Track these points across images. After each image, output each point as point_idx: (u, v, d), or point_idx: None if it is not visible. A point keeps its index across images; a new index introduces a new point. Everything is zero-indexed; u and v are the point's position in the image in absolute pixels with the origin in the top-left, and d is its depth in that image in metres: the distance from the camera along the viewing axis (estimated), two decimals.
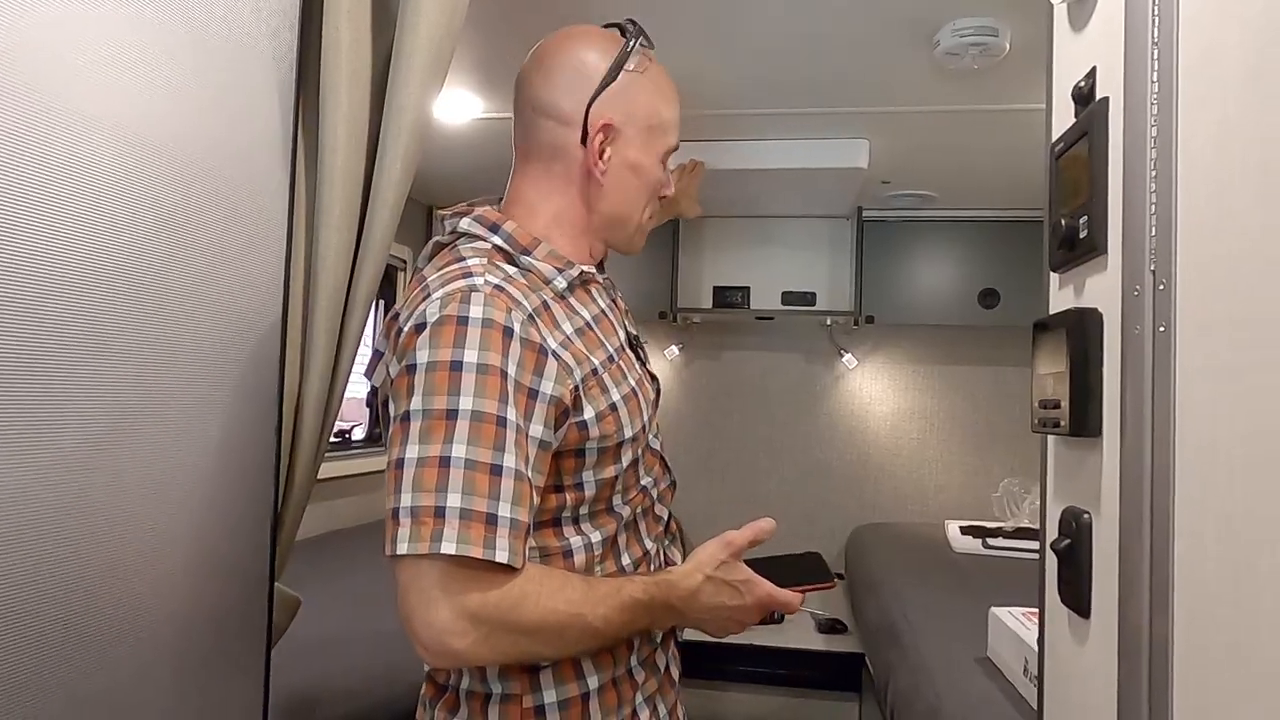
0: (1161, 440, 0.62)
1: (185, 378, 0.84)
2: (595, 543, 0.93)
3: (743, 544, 0.93)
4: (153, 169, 0.79)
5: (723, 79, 1.95)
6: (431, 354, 0.81)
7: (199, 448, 0.87)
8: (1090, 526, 0.75)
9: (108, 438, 0.74)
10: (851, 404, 3.45)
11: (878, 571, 2.38)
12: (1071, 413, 0.74)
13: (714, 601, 0.91)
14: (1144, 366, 0.65)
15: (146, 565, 0.80)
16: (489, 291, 0.84)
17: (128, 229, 0.76)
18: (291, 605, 1.12)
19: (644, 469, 1.00)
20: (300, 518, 1.12)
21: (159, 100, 0.80)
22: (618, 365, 0.96)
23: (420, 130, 1.09)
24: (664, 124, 1.00)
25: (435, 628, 0.78)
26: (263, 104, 0.96)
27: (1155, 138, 0.65)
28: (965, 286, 3.07)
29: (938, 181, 2.76)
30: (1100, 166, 0.73)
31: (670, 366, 3.55)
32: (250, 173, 0.94)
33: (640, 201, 1.01)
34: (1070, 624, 0.78)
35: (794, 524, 3.42)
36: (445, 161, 2.54)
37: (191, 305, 0.85)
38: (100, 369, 0.73)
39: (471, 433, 0.79)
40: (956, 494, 3.34)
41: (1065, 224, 0.79)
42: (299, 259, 1.04)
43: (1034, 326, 0.85)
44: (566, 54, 0.98)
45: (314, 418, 1.07)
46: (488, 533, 0.77)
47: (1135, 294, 0.66)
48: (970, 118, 2.07)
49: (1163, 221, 0.63)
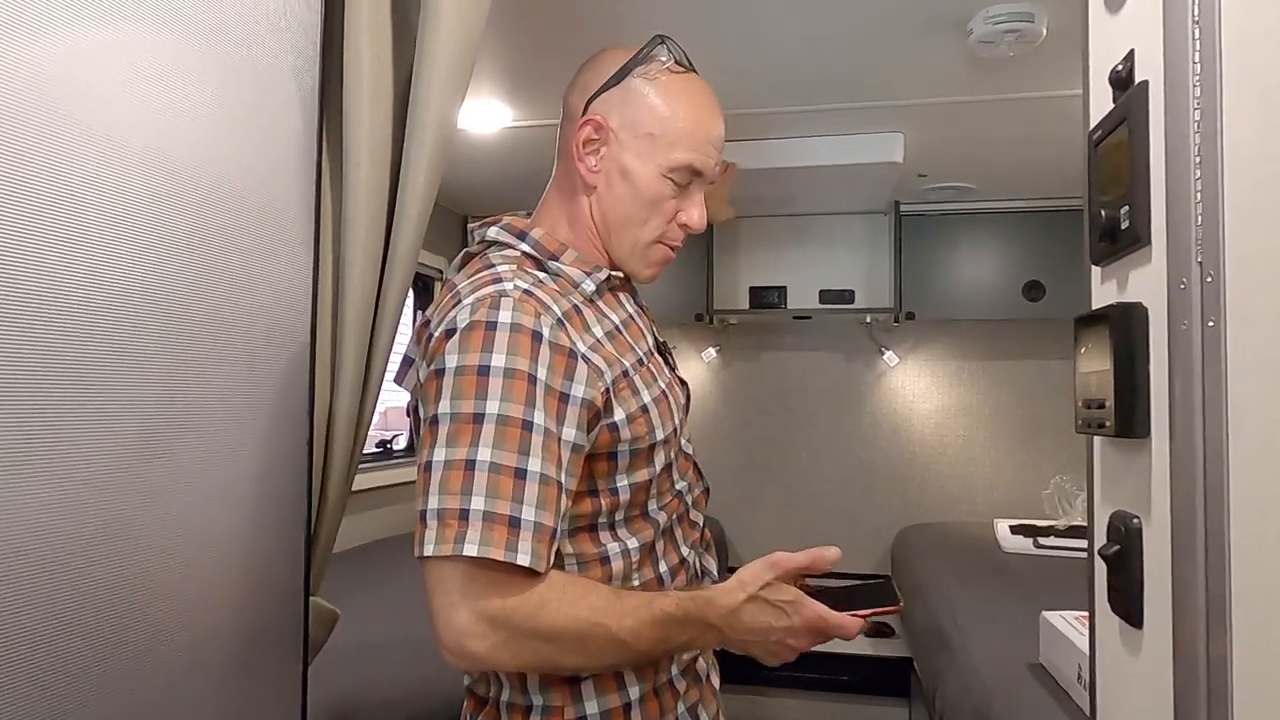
0: (1214, 441, 0.59)
1: (215, 396, 0.85)
2: (632, 549, 0.92)
3: (794, 566, 0.87)
4: (178, 190, 0.80)
5: (752, 77, 1.93)
6: (460, 359, 0.82)
7: (230, 465, 0.87)
8: (1140, 532, 0.71)
9: (138, 458, 0.74)
10: (894, 402, 3.39)
11: (924, 573, 2.33)
12: (1117, 413, 0.71)
13: (758, 622, 0.85)
14: (1193, 363, 0.61)
15: (180, 582, 0.80)
16: (518, 296, 0.85)
17: (155, 250, 0.77)
18: (329, 619, 1.12)
19: (678, 473, 0.99)
20: (336, 531, 1.13)
21: (183, 122, 0.81)
22: (647, 368, 0.95)
23: (443, 143, 1.09)
24: (670, 136, 0.94)
25: (455, 629, 0.78)
26: (286, 122, 0.97)
27: (1199, 122, 0.61)
28: (1009, 279, 2.99)
29: (977, 173, 2.70)
30: (1141, 154, 0.70)
31: (708, 369, 3.53)
32: (275, 191, 0.95)
33: (636, 214, 0.96)
34: (1122, 634, 0.75)
35: (838, 526, 3.37)
36: (476, 171, 2.56)
37: (220, 324, 0.86)
38: (130, 388, 0.74)
39: (497, 436, 0.79)
40: (1006, 492, 3.26)
41: (1105, 215, 0.75)
42: (326, 275, 1.05)
43: (1075, 322, 0.81)
44: (597, 61, 0.99)
45: (346, 432, 1.08)
46: (510, 535, 0.77)
47: (1181, 287, 0.63)
48: (1008, 106, 2.02)
49: (1208, 210, 0.60)
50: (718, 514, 3.40)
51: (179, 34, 0.80)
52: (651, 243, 0.98)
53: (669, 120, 0.94)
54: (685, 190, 0.97)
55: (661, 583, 0.95)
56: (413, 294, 3.02)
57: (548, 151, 1.05)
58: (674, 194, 0.96)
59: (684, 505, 1.00)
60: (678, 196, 0.97)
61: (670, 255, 1.01)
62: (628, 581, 0.92)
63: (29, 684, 0.64)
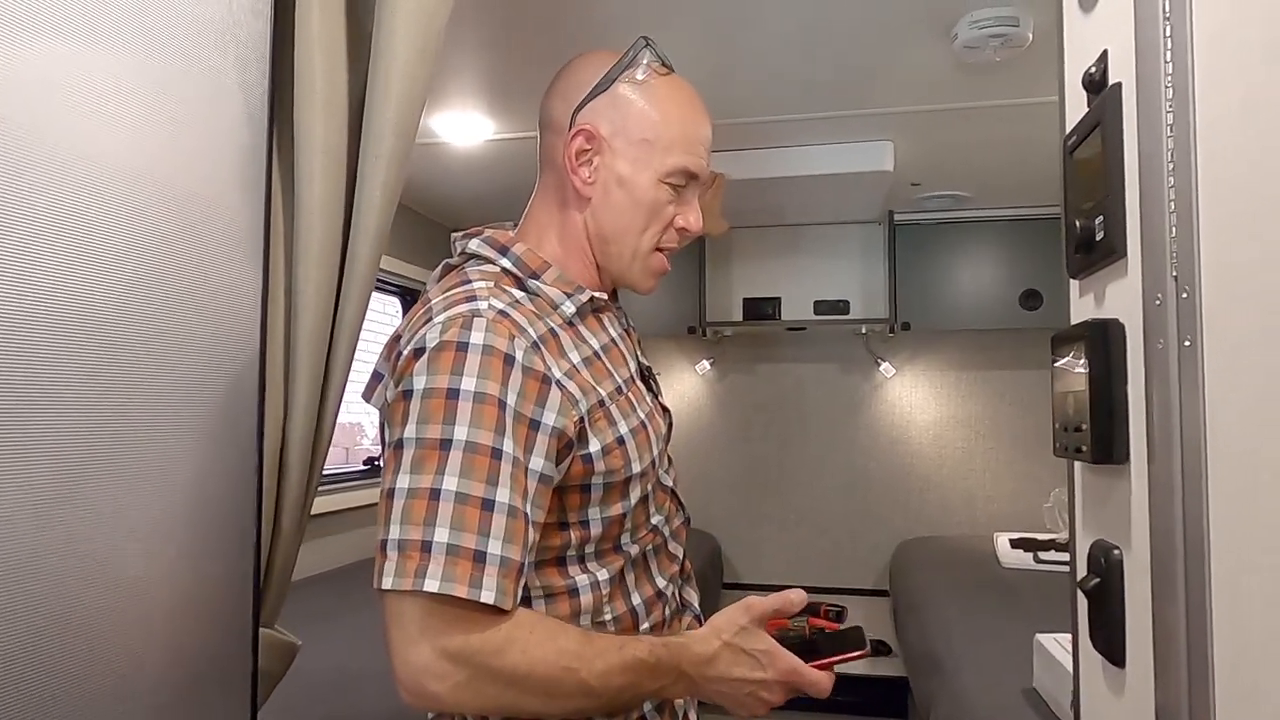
0: (1192, 470, 0.54)
1: (148, 421, 0.81)
2: (602, 581, 0.87)
3: (765, 610, 0.84)
4: (108, 207, 0.76)
5: (737, 86, 1.89)
6: (429, 380, 0.78)
7: (166, 493, 0.83)
8: (1121, 564, 0.66)
9: (55, 490, 0.70)
10: (891, 414, 3.34)
11: (920, 591, 2.28)
12: (1093, 437, 0.66)
13: (731, 672, 0.82)
14: (1170, 385, 0.57)
15: (109, 618, 0.76)
16: (492, 317, 0.81)
17: (82, 267, 0.73)
18: (287, 651, 1.08)
19: (654, 506, 0.94)
20: (293, 559, 1.08)
21: (121, 136, 0.77)
22: (626, 397, 0.91)
23: (401, 155, 1.05)
24: (664, 141, 0.92)
25: (414, 667, 0.74)
26: (232, 137, 0.93)
27: (1172, 125, 0.57)
28: (1006, 288, 2.95)
29: (970, 181, 2.65)
30: (1115, 160, 0.66)
31: (702, 381, 3.48)
32: (219, 207, 0.91)
33: (634, 223, 0.93)
34: (1105, 672, 0.70)
35: (836, 540, 3.32)
36: (460, 183, 2.53)
37: (156, 347, 0.82)
38: (48, 419, 0.70)
39: (464, 464, 0.75)
40: (1007, 504, 3.20)
41: (1080, 226, 0.71)
42: (278, 295, 1.01)
43: (1052, 340, 0.77)
44: (574, 68, 0.96)
45: (301, 456, 1.04)
46: (474, 571, 0.73)
47: (1157, 303, 0.58)
48: (998, 113, 1.97)
49: (1183, 221, 0.55)
50: (713, 529, 3.35)
51: (111, 46, 0.77)
52: (650, 251, 0.95)
53: (661, 125, 0.92)
54: (680, 194, 0.94)
55: (635, 616, 0.90)
56: (401, 307, 2.99)
57: (531, 163, 1.01)
58: (671, 199, 0.93)
59: (660, 538, 0.96)
60: (674, 202, 0.94)
61: (667, 264, 0.98)
62: (598, 615, 0.87)
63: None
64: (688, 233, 0.96)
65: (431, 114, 2.04)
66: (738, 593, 3.29)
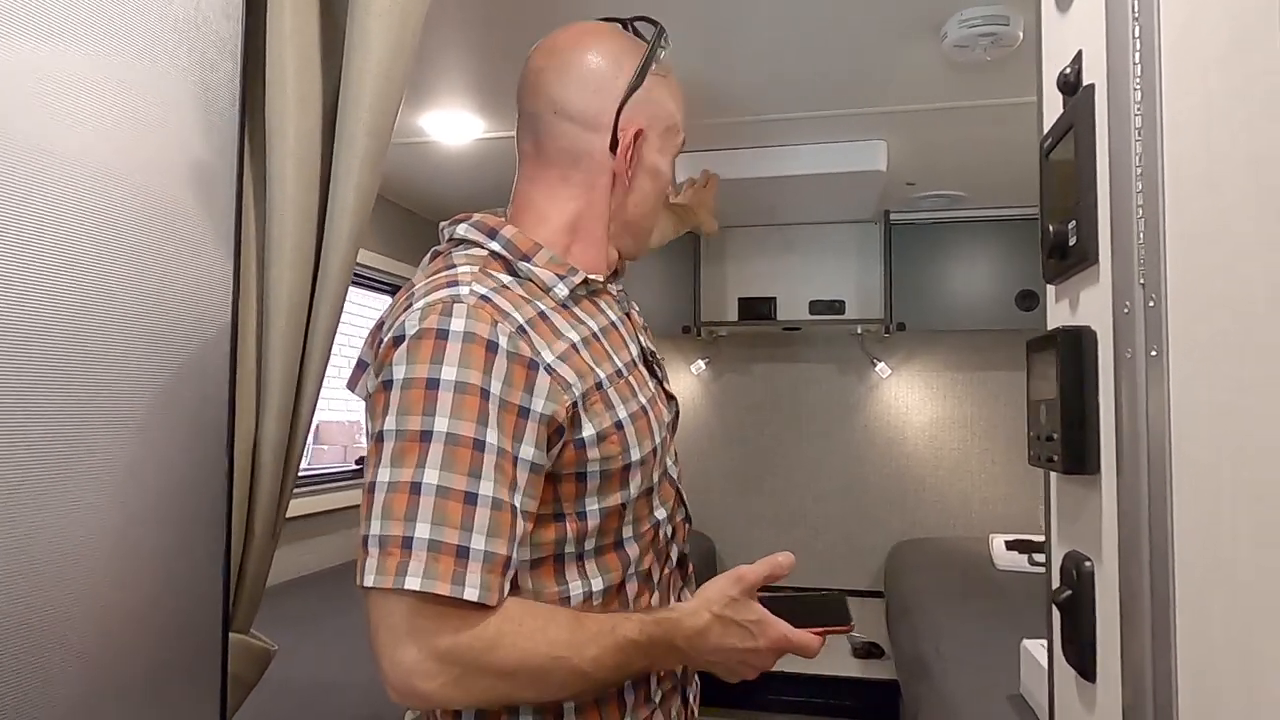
0: (1158, 481, 0.53)
1: (113, 422, 0.80)
2: (597, 591, 0.85)
3: (756, 579, 0.83)
4: (73, 206, 0.75)
5: (728, 85, 1.88)
6: (408, 370, 0.76)
7: (130, 495, 0.82)
8: (1092, 577, 0.65)
9: (14, 491, 0.69)
10: (887, 415, 3.32)
11: (912, 594, 2.26)
12: (1064, 446, 0.65)
13: (723, 643, 0.82)
14: (1137, 395, 0.55)
15: (69, 619, 0.75)
16: (473, 303, 0.78)
17: (45, 266, 0.72)
18: (260, 657, 1.07)
19: (659, 499, 0.91)
20: (268, 563, 1.07)
21: (86, 136, 0.76)
22: (626, 381, 0.88)
23: (375, 156, 1.04)
24: (678, 126, 0.98)
25: (402, 668, 0.73)
26: (201, 137, 0.92)
27: (1140, 128, 0.55)
28: (1002, 288, 2.93)
29: (965, 180, 2.64)
30: (1087, 163, 0.64)
31: (697, 382, 3.47)
32: (188, 208, 0.90)
33: (657, 205, 0.99)
34: (1077, 687, 0.69)
35: (831, 541, 3.31)
36: (449, 182, 2.52)
37: (121, 347, 0.81)
38: (6, 417, 0.69)
39: (446, 457, 0.73)
40: (1003, 506, 3.19)
41: (1054, 230, 0.70)
42: (249, 298, 1.00)
43: (1027, 346, 0.75)
44: (590, 54, 0.92)
45: (274, 461, 1.03)
46: (457, 567, 0.71)
47: (1125, 311, 0.57)
48: (990, 112, 1.96)
49: (1150, 226, 0.54)
50: (708, 529, 3.34)
51: (76, 44, 0.75)
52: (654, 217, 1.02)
53: (675, 112, 0.97)
54: None
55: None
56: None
57: None
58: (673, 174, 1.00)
59: (663, 537, 0.93)
60: None
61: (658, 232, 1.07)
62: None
63: None
64: (680, 207, 1.06)
65: (421, 113, 2.03)
66: None
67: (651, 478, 0.89)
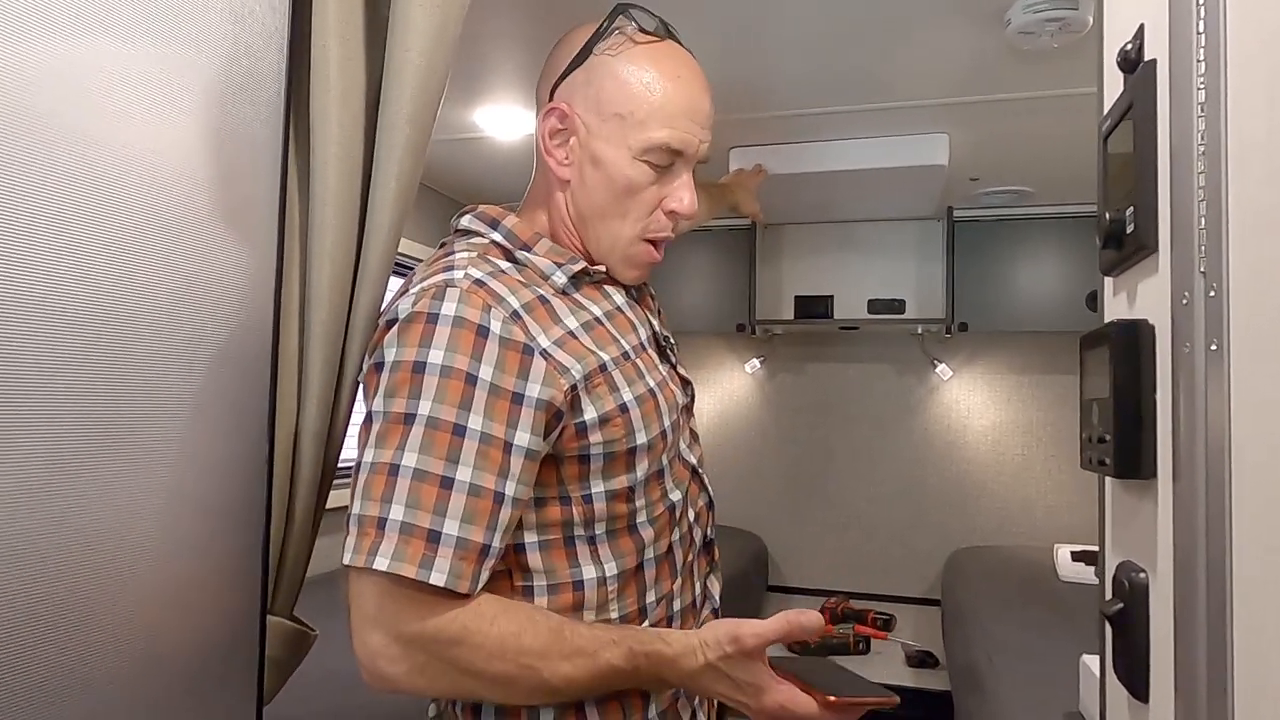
0: (1216, 486, 0.49)
1: (154, 408, 0.82)
2: (609, 577, 0.83)
3: (756, 645, 0.76)
4: (118, 197, 0.77)
5: (780, 78, 1.84)
6: (397, 353, 0.77)
7: (170, 478, 0.84)
8: (1146, 589, 0.60)
9: (54, 473, 0.71)
10: (948, 418, 3.22)
11: (970, 602, 2.19)
12: (1116, 449, 0.60)
13: (715, 690, 0.79)
14: (1196, 394, 0.51)
15: (108, 598, 0.77)
16: (466, 287, 0.79)
17: (91, 256, 0.74)
18: (300, 640, 1.08)
19: (672, 481, 0.89)
20: (309, 549, 1.08)
21: (133, 127, 0.78)
22: (633, 363, 0.86)
23: (417, 146, 1.04)
24: (640, 114, 0.85)
25: (369, 648, 0.74)
26: (248, 127, 0.93)
27: (1203, 103, 0.51)
28: (1069, 289, 2.80)
29: (1033, 176, 2.53)
30: (1147, 145, 0.60)
31: (751, 380, 3.42)
32: (236, 197, 0.92)
33: (612, 205, 0.88)
34: (1130, 708, 0.64)
35: (886, 546, 3.22)
36: (501, 177, 2.53)
37: (165, 335, 0.83)
38: (46, 404, 0.71)
39: (425, 440, 0.74)
40: (1068, 514, 3.06)
41: (1110, 219, 0.65)
42: (292, 286, 1.01)
43: (1080, 343, 0.71)
44: (559, 43, 0.92)
45: (314, 448, 1.03)
46: (427, 551, 0.71)
47: (1184, 302, 0.52)
48: (1057, 103, 1.87)
49: (1212, 210, 0.50)
50: (759, 529, 3.29)
51: (121, 36, 0.77)
52: (634, 238, 0.89)
53: (637, 97, 0.85)
54: (667, 173, 0.88)
55: (644, 615, 0.87)
56: None
57: None
58: (652, 179, 0.87)
59: (684, 522, 0.91)
60: (658, 182, 0.87)
61: (655, 255, 0.92)
62: (603, 612, 0.84)
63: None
64: (679, 216, 0.89)
65: (473, 108, 2.05)
66: (782, 595, 3.23)
67: (661, 461, 0.87)
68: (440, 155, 2.38)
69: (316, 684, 1.29)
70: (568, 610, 0.82)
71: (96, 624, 0.76)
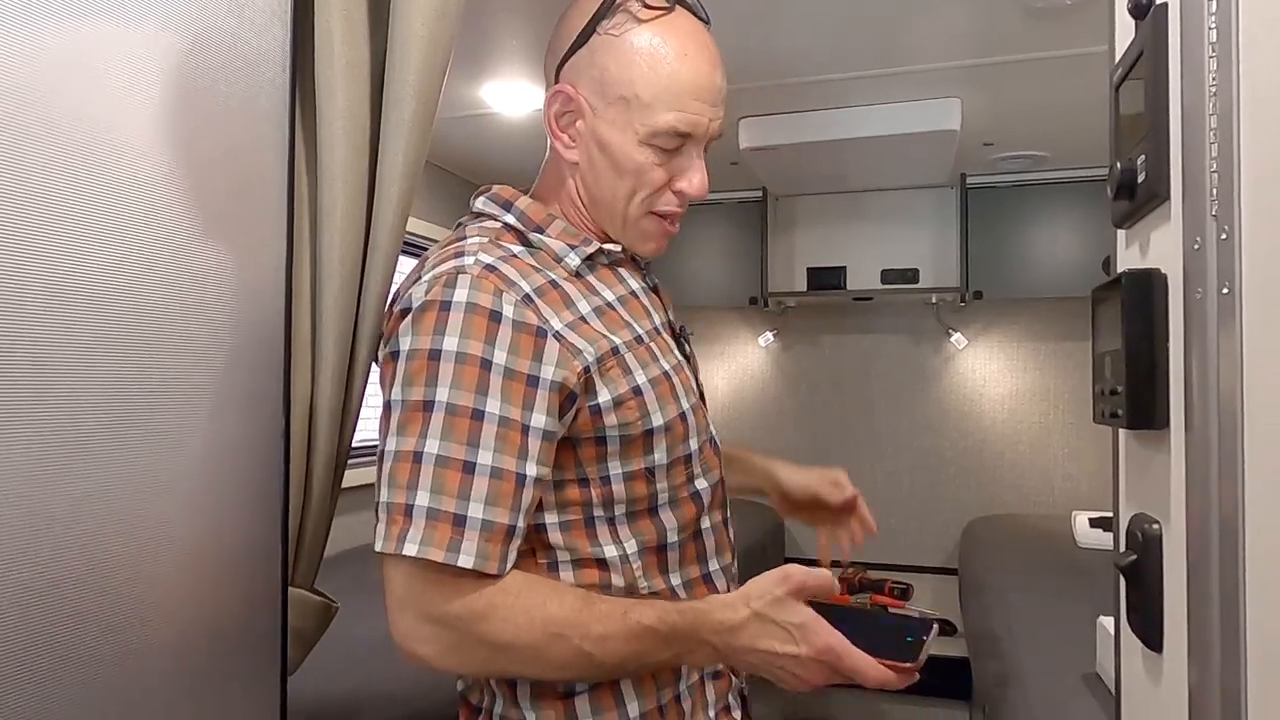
0: (1228, 434, 0.48)
1: (169, 385, 0.83)
2: (632, 554, 0.83)
3: (805, 584, 0.76)
4: (127, 176, 0.77)
5: (789, 45, 1.81)
6: (413, 341, 0.78)
7: (188, 454, 0.85)
8: (1160, 540, 0.60)
9: (73, 452, 0.72)
10: (964, 387, 3.20)
11: (984, 570, 2.19)
12: (1129, 399, 0.60)
13: (759, 644, 0.76)
14: (1208, 340, 0.51)
15: (130, 570, 0.78)
16: (477, 273, 0.79)
17: (110, 237, 0.75)
18: (322, 612, 1.10)
19: (701, 466, 0.89)
20: (328, 522, 1.10)
21: (138, 106, 0.78)
22: (647, 347, 0.87)
23: (423, 122, 1.04)
24: (645, 97, 0.83)
25: (401, 631, 0.76)
26: (254, 103, 0.94)
27: (1214, 44, 0.50)
28: (1087, 254, 2.77)
29: (1048, 140, 2.49)
30: (1159, 92, 0.59)
31: (765, 354, 3.42)
32: (244, 174, 0.92)
33: (620, 187, 0.87)
34: (1144, 659, 0.64)
35: (904, 517, 3.22)
36: (509, 154, 2.53)
37: (177, 313, 0.84)
38: (69, 387, 0.72)
39: (445, 427, 0.75)
40: (1087, 482, 3.04)
41: (1122, 168, 0.64)
42: (303, 263, 1.01)
43: (1092, 295, 0.70)
44: (564, 17, 0.91)
45: (329, 424, 1.05)
46: (454, 535, 0.73)
47: (1196, 247, 0.52)
48: (1072, 63, 1.84)
49: (1224, 153, 0.49)
50: None
51: (125, 16, 0.77)
52: (644, 216, 0.89)
53: (642, 79, 0.83)
54: (675, 154, 0.86)
55: (675, 596, 0.87)
56: None
57: None
58: (661, 161, 0.86)
59: (721, 509, 0.91)
60: (666, 164, 0.86)
61: (668, 227, 0.91)
62: (631, 592, 0.84)
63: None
64: (688, 196, 0.88)
65: (480, 84, 2.04)
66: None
67: (688, 445, 0.86)
68: (448, 133, 2.38)
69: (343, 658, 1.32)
70: (594, 587, 0.82)
71: (123, 597, 0.78)
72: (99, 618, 0.75)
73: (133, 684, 0.79)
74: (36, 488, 0.69)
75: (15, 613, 0.67)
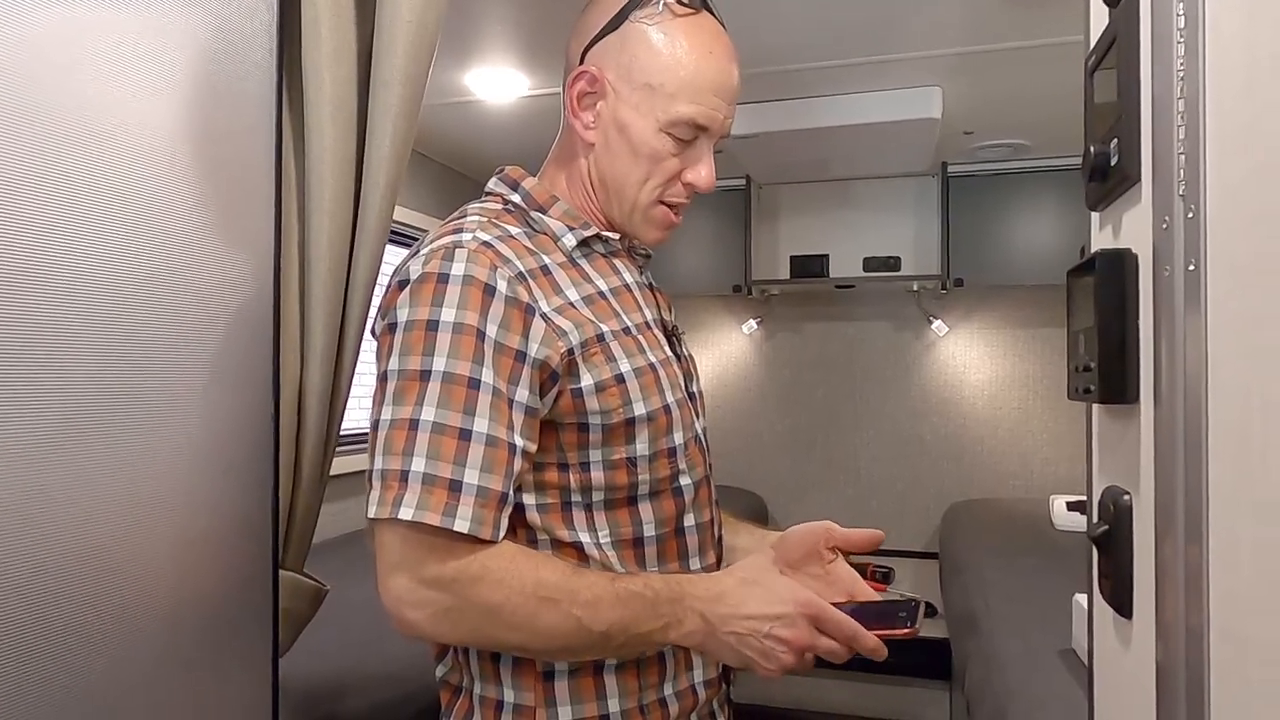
0: (1193, 406, 0.50)
1: (158, 367, 0.83)
2: (605, 543, 0.85)
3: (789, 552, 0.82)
4: (121, 158, 0.78)
5: (771, 32, 1.83)
6: (410, 312, 0.79)
7: (177, 435, 0.86)
8: (1130, 510, 0.63)
9: (63, 433, 0.73)
10: (944, 373, 3.24)
11: (964, 552, 2.22)
12: (1101, 375, 0.62)
13: (744, 608, 0.78)
14: (1175, 315, 0.53)
15: (123, 562, 0.79)
16: (474, 248, 0.81)
17: (98, 219, 0.75)
18: (313, 594, 1.11)
19: (685, 463, 0.90)
20: (317, 505, 1.11)
21: (125, 88, 0.78)
22: (634, 338, 0.88)
23: (410, 106, 1.05)
24: (670, 87, 0.86)
25: (393, 595, 0.76)
26: (241, 87, 0.94)
27: (1182, 29, 0.52)
28: (1066, 241, 2.81)
29: (1028, 128, 2.53)
30: (1130, 74, 0.61)
31: (749, 341, 3.44)
32: (231, 158, 0.92)
33: (633, 172, 0.89)
34: (1115, 626, 0.67)
35: (885, 502, 3.27)
36: (494, 141, 2.53)
37: (165, 296, 0.84)
38: (60, 368, 0.72)
39: (442, 394, 0.76)
40: (1066, 466, 3.09)
41: (1095, 152, 0.66)
42: (290, 247, 1.02)
43: (1067, 276, 0.72)
44: (592, 5, 0.93)
45: (318, 407, 1.06)
46: (450, 499, 0.74)
47: (1164, 227, 0.54)
48: (1052, 52, 1.86)
49: (1191, 133, 0.51)
50: (760, 489, 3.33)
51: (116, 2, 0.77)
52: (653, 203, 0.91)
53: (668, 70, 0.86)
54: (690, 146, 0.90)
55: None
56: None
57: None
58: (676, 151, 0.89)
59: (703, 510, 0.92)
60: (680, 154, 0.89)
61: (673, 217, 0.94)
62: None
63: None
64: (695, 189, 0.92)
65: (465, 71, 2.04)
66: None
67: (672, 438, 0.87)
68: (432, 121, 2.37)
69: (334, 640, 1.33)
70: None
71: (115, 579, 0.78)
72: (91, 600, 0.76)
73: (127, 663, 0.80)
74: (26, 471, 0.70)
75: (5, 595, 0.67)
